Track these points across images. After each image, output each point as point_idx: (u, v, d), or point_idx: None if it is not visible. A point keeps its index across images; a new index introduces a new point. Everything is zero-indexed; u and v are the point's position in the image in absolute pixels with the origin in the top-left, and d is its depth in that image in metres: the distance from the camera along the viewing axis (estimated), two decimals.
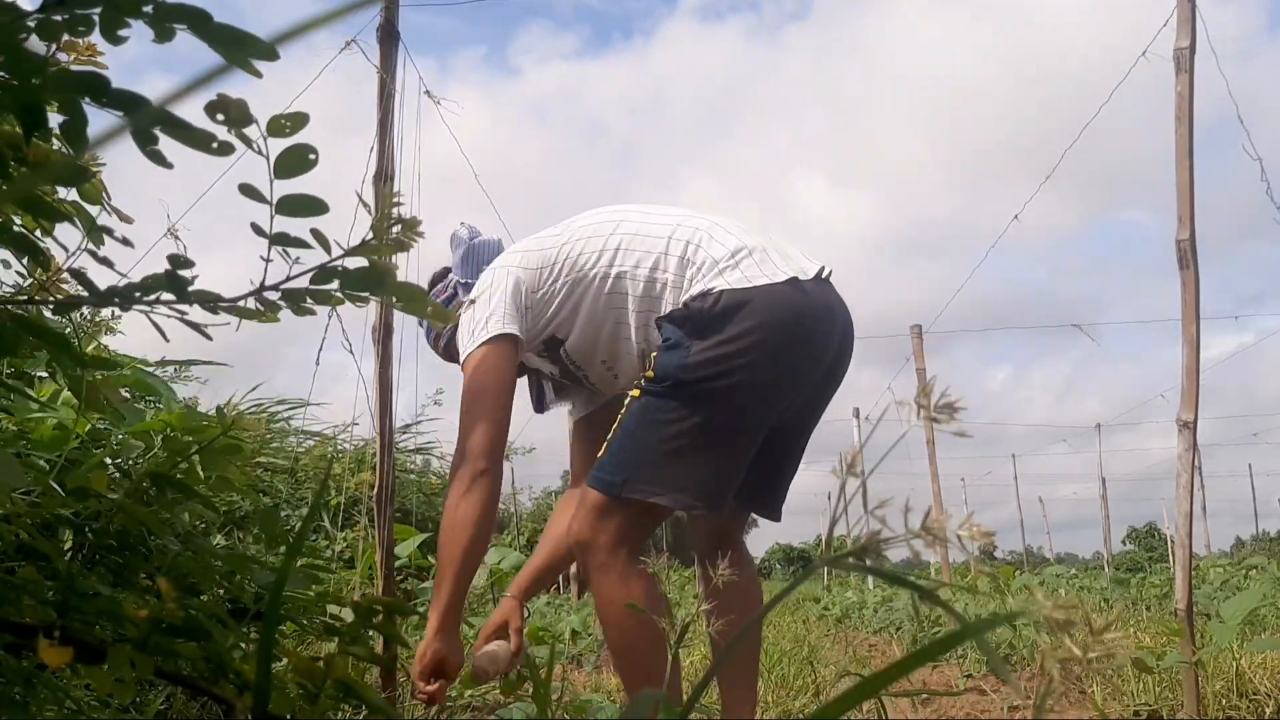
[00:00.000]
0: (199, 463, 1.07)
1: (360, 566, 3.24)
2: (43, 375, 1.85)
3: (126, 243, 0.81)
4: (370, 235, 0.69)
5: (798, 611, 8.59)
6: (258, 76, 0.59)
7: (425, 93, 3.00)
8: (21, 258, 0.89)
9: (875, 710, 2.63)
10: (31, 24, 0.59)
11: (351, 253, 0.68)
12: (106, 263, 0.80)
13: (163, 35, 0.59)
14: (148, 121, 0.62)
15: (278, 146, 0.68)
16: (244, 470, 1.20)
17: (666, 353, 1.75)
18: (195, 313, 0.70)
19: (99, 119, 0.67)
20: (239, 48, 0.57)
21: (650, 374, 1.76)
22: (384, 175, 2.56)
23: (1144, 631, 4.54)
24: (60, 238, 0.99)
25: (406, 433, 9.50)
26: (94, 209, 1.02)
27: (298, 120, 0.67)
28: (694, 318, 1.73)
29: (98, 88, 0.62)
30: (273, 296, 0.69)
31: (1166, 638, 3.70)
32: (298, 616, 1.17)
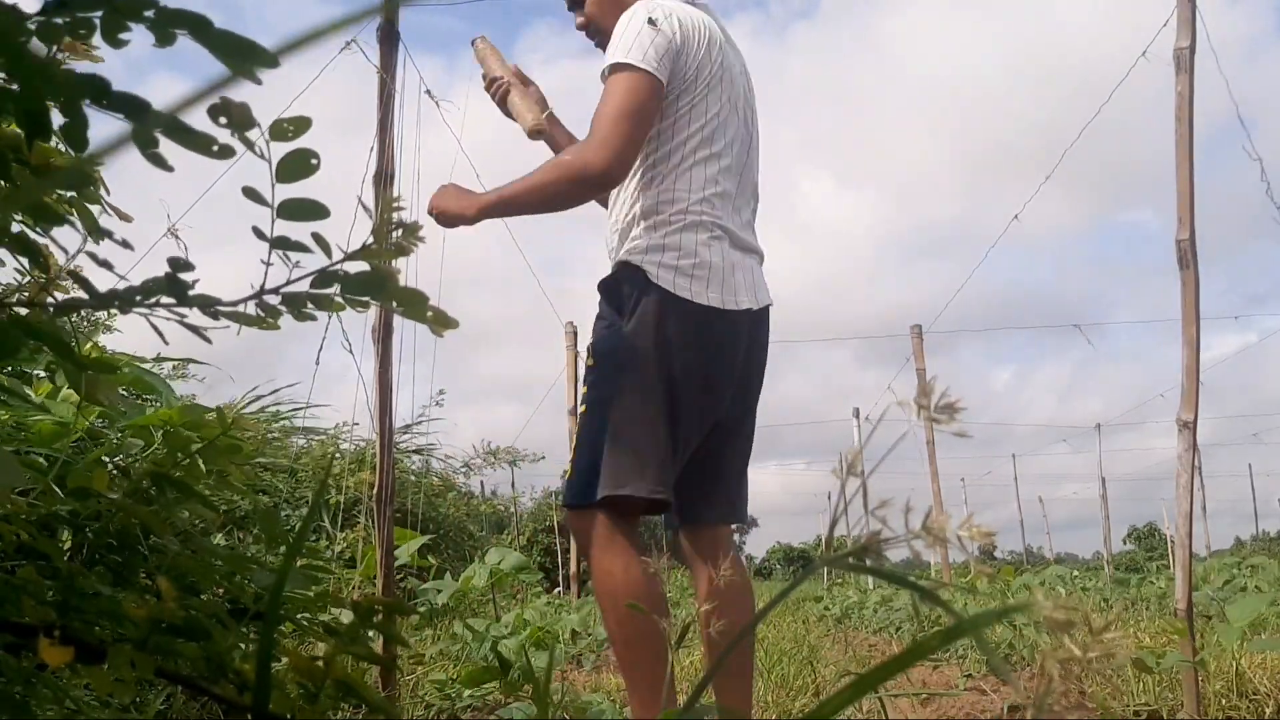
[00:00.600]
0: (201, 459, 1.07)
1: (361, 567, 3.25)
2: (41, 375, 1.85)
3: (126, 245, 0.81)
4: (371, 239, 0.69)
5: (798, 611, 8.59)
6: (258, 84, 0.59)
7: (426, 92, 3.00)
8: (21, 258, 0.89)
9: (875, 710, 2.64)
10: (33, 27, 0.59)
11: (352, 257, 0.68)
12: (106, 265, 0.80)
13: (163, 40, 0.59)
14: (150, 126, 0.62)
15: (280, 150, 0.68)
16: (244, 470, 1.20)
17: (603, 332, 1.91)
18: (195, 315, 0.70)
19: (99, 119, 0.67)
20: (240, 55, 0.57)
21: (590, 361, 1.91)
22: (384, 175, 2.56)
23: (1144, 631, 4.55)
24: (59, 238, 0.99)
25: (407, 433, 9.52)
26: (94, 208, 1.02)
27: (300, 124, 0.67)
28: (621, 299, 1.88)
29: (99, 90, 0.62)
30: (273, 301, 0.69)
31: (1166, 638, 3.70)
32: (297, 616, 1.17)
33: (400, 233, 0.69)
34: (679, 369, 1.84)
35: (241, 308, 0.69)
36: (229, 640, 0.77)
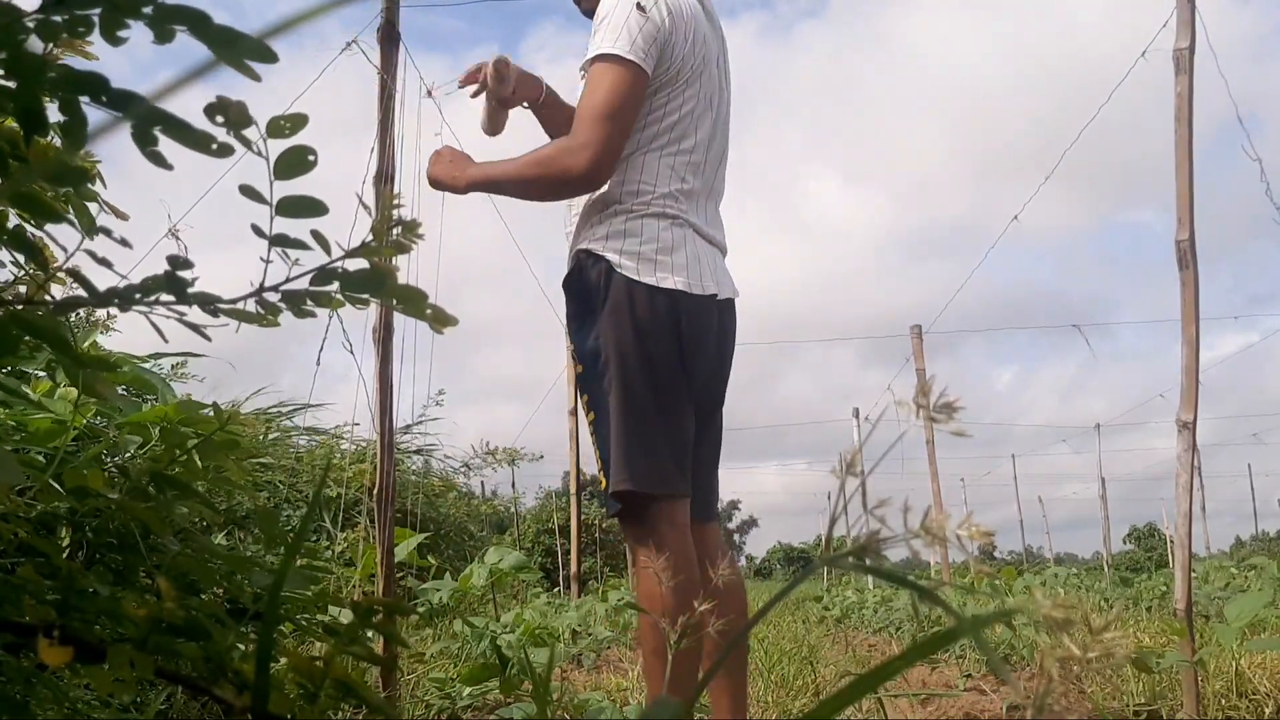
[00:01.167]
0: (197, 455, 1.07)
1: (360, 567, 3.24)
2: (40, 374, 1.85)
3: (125, 243, 0.81)
4: (370, 237, 0.69)
5: (798, 611, 8.60)
6: (256, 79, 0.59)
7: (427, 93, 3.00)
8: (19, 256, 0.89)
9: (875, 710, 2.64)
10: (31, 24, 0.59)
11: (351, 254, 0.68)
12: (105, 263, 0.80)
13: (162, 36, 0.59)
14: (144, 119, 0.62)
15: (277, 148, 0.68)
16: (242, 467, 1.20)
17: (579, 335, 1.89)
18: (194, 313, 0.70)
19: (97, 118, 0.67)
20: (237, 50, 0.57)
21: (579, 367, 1.90)
22: (385, 176, 2.56)
23: (1144, 631, 4.55)
24: (59, 238, 0.99)
25: (408, 433, 9.52)
26: (91, 206, 1.02)
27: (297, 121, 0.67)
28: (589, 294, 1.86)
29: (97, 87, 0.62)
30: (272, 298, 0.69)
31: (1166, 638, 3.70)
32: (297, 616, 1.17)
33: (399, 230, 0.69)
34: (657, 355, 1.81)
35: (241, 305, 0.69)
36: (228, 640, 0.77)
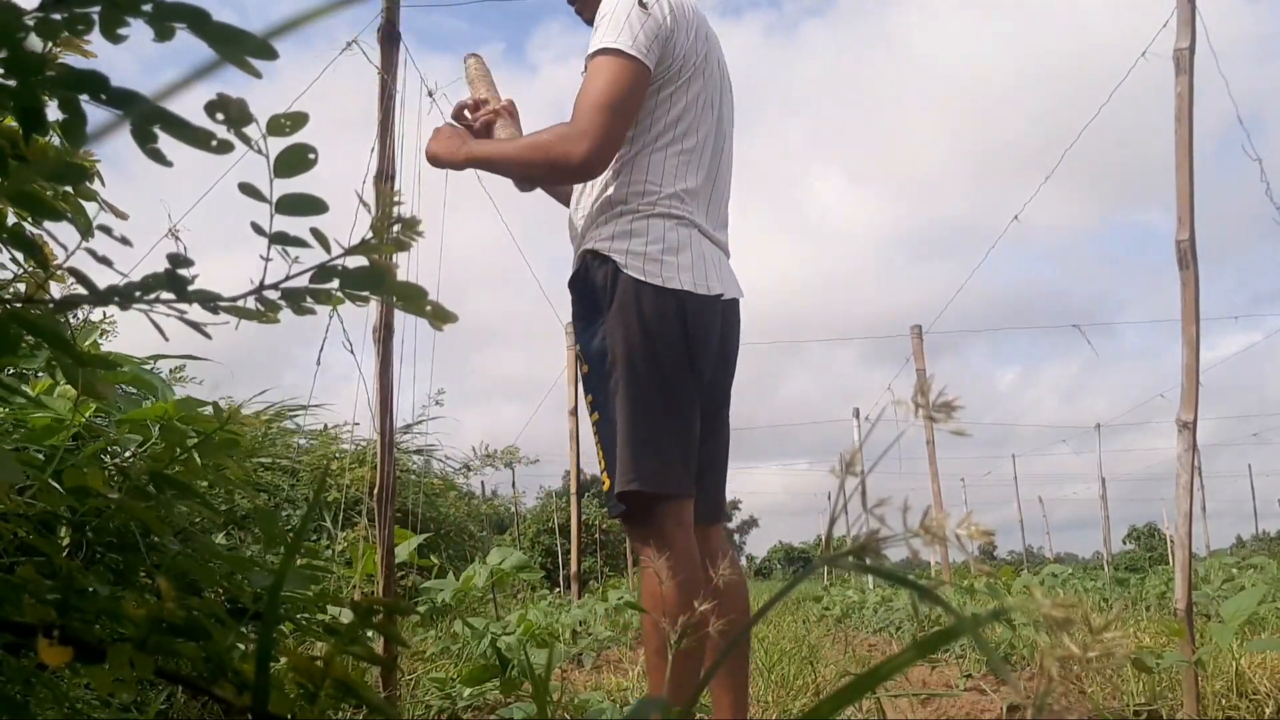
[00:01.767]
0: (197, 454, 1.07)
1: (360, 567, 3.24)
2: (40, 374, 1.85)
3: (125, 242, 0.81)
4: (370, 235, 0.69)
5: (798, 611, 8.60)
6: (257, 76, 0.59)
7: (428, 95, 3.00)
8: (18, 254, 0.89)
9: (874, 710, 2.64)
10: (30, 23, 0.59)
11: (351, 252, 0.68)
12: (106, 261, 0.80)
13: (162, 34, 0.59)
14: (144, 118, 0.62)
15: (278, 146, 0.68)
16: (242, 465, 1.20)
17: (584, 335, 1.89)
18: (195, 312, 0.70)
19: (97, 116, 0.67)
20: (237, 46, 0.57)
21: (584, 368, 1.89)
22: (385, 175, 2.56)
23: (1144, 631, 4.55)
24: (60, 237, 0.99)
25: (408, 433, 9.52)
26: (91, 205, 1.02)
27: (297, 119, 0.67)
28: (595, 295, 1.86)
29: (96, 85, 0.62)
30: (272, 296, 0.69)
31: (1166, 637, 3.70)
32: (297, 616, 1.17)
33: (399, 227, 0.68)
34: (664, 355, 1.81)
35: (241, 302, 0.69)
36: (228, 640, 0.77)
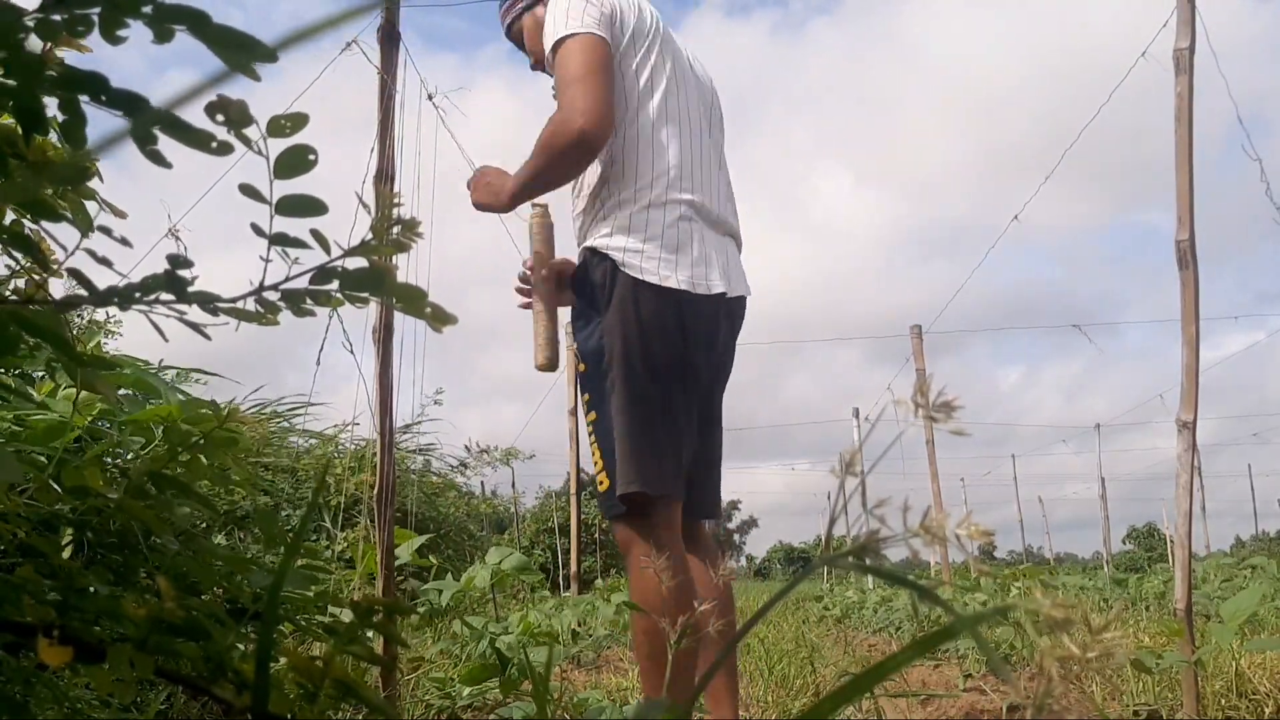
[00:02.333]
0: (200, 454, 1.07)
1: (360, 567, 3.24)
2: (41, 375, 1.85)
3: (125, 242, 0.81)
4: (370, 236, 0.69)
5: (798, 611, 8.59)
6: (256, 79, 0.59)
7: (428, 97, 3.00)
8: (17, 254, 0.89)
9: (874, 710, 2.64)
10: (30, 23, 0.59)
11: (351, 253, 0.68)
12: (105, 262, 0.80)
13: (162, 36, 0.59)
14: (148, 123, 0.62)
15: (278, 147, 0.68)
16: (244, 465, 1.19)
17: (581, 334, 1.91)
18: (194, 313, 0.70)
19: (97, 116, 0.67)
20: (237, 50, 0.57)
21: (582, 366, 1.91)
22: (385, 176, 2.56)
23: (1144, 631, 4.54)
24: (59, 236, 0.99)
25: (407, 433, 9.52)
26: (90, 204, 1.02)
27: (297, 121, 0.67)
28: (594, 293, 1.88)
29: (97, 86, 0.62)
30: (272, 297, 0.69)
31: (1166, 638, 3.70)
32: (296, 616, 1.17)
33: (399, 229, 0.69)
34: (660, 355, 1.81)
35: (241, 304, 0.69)
36: (228, 640, 0.77)
